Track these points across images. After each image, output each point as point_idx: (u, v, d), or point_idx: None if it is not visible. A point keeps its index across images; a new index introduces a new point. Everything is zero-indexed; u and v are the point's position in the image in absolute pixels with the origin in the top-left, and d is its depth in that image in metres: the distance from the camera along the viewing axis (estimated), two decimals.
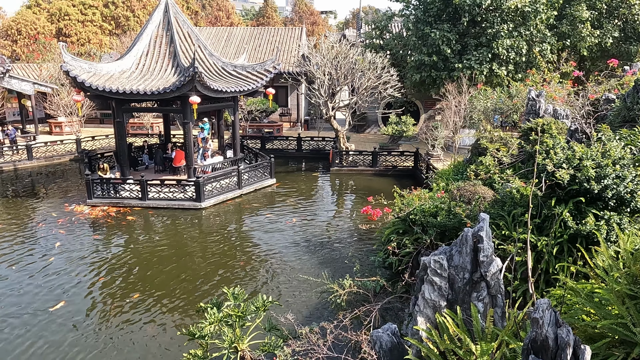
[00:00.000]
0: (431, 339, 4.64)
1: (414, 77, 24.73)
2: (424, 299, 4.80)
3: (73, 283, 11.78)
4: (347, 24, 75.47)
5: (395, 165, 22.67)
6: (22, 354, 8.93)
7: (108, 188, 17.92)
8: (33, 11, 48.90)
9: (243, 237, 15.23)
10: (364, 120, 30.78)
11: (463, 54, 23.67)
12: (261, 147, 26.27)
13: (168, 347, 9.24)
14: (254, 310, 7.80)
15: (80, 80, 16.42)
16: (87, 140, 26.38)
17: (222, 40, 35.13)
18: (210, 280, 12.00)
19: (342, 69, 22.70)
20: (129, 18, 52.31)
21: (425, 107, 29.86)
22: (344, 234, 15.23)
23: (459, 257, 4.88)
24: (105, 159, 21.32)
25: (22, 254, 13.43)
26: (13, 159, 23.74)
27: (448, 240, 9.38)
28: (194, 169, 18.47)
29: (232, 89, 18.03)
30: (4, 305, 10.63)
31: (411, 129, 24.19)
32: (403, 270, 9.62)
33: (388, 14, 28.89)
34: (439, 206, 9.71)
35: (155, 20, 18.95)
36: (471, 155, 15.00)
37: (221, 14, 64.11)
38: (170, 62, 18.31)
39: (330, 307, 9.93)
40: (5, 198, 19.07)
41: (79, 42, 47.90)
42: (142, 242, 14.56)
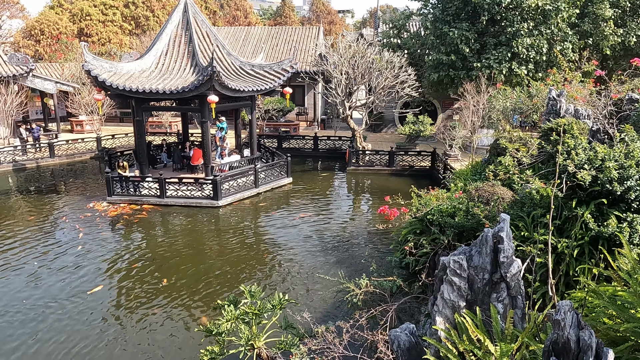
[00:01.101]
0: (450, 339, 4.61)
1: (431, 76, 24.55)
2: (443, 299, 4.77)
3: (90, 279, 11.98)
4: (365, 23, 75.26)
5: (412, 165, 22.54)
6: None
7: (127, 186, 18.19)
8: (55, 12, 49.85)
9: (259, 236, 15.32)
10: (381, 119, 30.67)
11: (482, 53, 23.41)
12: (278, 146, 26.37)
13: (185, 343, 9.35)
14: (270, 308, 7.85)
15: (101, 80, 16.70)
16: (107, 138, 26.81)
17: (240, 39, 35.36)
18: (227, 278, 12.10)
19: (360, 68, 22.65)
20: (149, 18, 52.99)
21: (443, 107, 29.62)
22: (360, 233, 15.21)
23: (478, 257, 4.83)
24: (124, 157, 21.64)
25: (40, 248, 13.72)
26: (36, 157, 24.27)
27: (466, 241, 9.29)
28: (211, 167, 18.64)
29: (249, 88, 18.13)
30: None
31: (428, 129, 24.02)
32: (420, 271, 9.57)
33: (406, 12, 28.73)
34: (457, 206, 9.62)
35: (174, 20, 19.16)
36: (490, 156, 14.83)
37: (239, 13, 64.50)
38: (189, 62, 18.49)
39: (346, 307, 9.93)
40: (29, 194, 19.52)
41: (100, 42, 48.69)
42: (160, 240, 14.75)
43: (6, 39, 49.98)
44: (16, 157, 23.62)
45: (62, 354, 8.96)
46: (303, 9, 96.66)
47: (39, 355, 8.92)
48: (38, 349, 9.09)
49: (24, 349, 9.09)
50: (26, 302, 10.77)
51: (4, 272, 12.24)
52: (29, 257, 13.14)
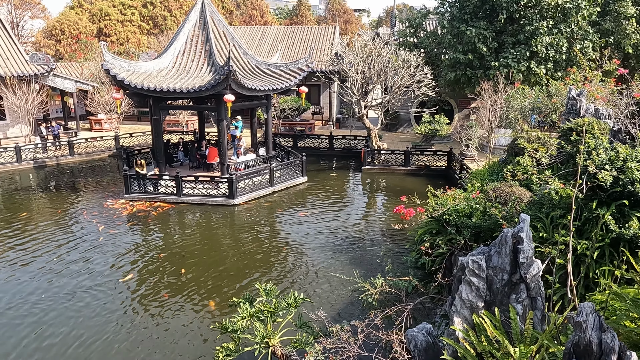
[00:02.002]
0: (468, 340, 4.57)
1: (448, 75, 24.35)
2: (461, 299, 4.72)
3: (107, 274, 12.15)
4: (381, 22, 74.96)
5: (427, 165, 22.39)
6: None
7: (145, 183, 18.39)
8: (76, 12, 50.68)
9: (274, 234, 15.37)
10: (397, 119, 30.52)
11: (500, 52, 23.14)
12: (293, 145, 26.41)
13: (200, 340, 9.43)
14: (285, 307, 7.87)
15: (120, 79, 16.92)
16: (125, 137, 27.16)
17: (256, 39, 35.50)
18: (242, 276, 12.17)
19: (375, 67, 22.57)
20: (166, 18, 53.56)
21: (460, 106, 29.36)
22: (375, 233, 15.16)
23: (497, 257, 4.77)
24: (142, 155, 21.88)
25: (59, 243, 13.97)
26: (56, 154, 24.70)
27: (482, 241, 9.20)
28: (227, 166, 18.76)
29: (265, 87, 18.20)
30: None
31: (445, 128, 23.83)
32: (436, 271, 9.49)
33: (423, 11, 28.53)
34: (474, 207, 9.53)
35: (192, 20, 19.32)
36: (507, 156, 14.65)
37: (255, 12, 64.78)
38: (205, 61, 18.63)
39: (361, 306, 9.90)
40: (49, 191, 19.89)
41: (119, 42, 49.36)
42: (176, 237, 14.90)
43: (28, 39, 51.00)
44: (37, 154, 24.09)
45: (78, 343, 9.12)
46: (319, 8, 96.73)
47: (52, 346, 9.09)
48: (50, 341, 9.26)
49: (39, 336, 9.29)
50: (44, 295, 10.98)
51: (27, 265, 12.51)
52: (47, 251, 13.40)
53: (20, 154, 23.32)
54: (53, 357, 8.90)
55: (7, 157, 23.08)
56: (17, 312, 10.38)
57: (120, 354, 8.98)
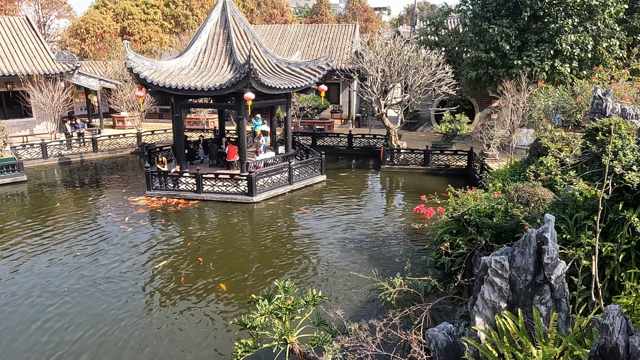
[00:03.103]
0: (490, 341, 4.51)
1: (469, 74, 24.06)
2: (483, 299, 4.66)
3: (128, 269, 12.36)
4: (401, 21, 74.43)
5: (447, 165, 22.17)
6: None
7: (166, 180, 18.65)
8: (100, 11, 51.62)
9: (293, 232, 15.41)
10: (417, 118, 30.29)
11: (523, 51, 22.76)
12: (312, 144, 26.44)
13: (219, 335, 9.52)
14: (303, 304, 7.88)
15: (143, 77, 17.17)
16: (147, 134, 27.56)
17: (277, 37, 35.62)
18: (260, 273, 12.25)
19: (396, 66, 22.43)
20: (188, 17, 54.16)
21: (481, 106, 28.98)
22: (394, 232, 15.09)
23: (521, 258, 4.69)
24: (163, 152, 22.18)
25: (82, 237, 14.27)
26: (80, 151, 25.22)
27: (504, 242, 9.07)
28: (246, 163, 18.88)
29: (285, 85, 18.25)
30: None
31: (465, 128, 23.56)
32: (455, 271, 9.40)
33: (444, 9, 28.23)
34: (495, 207, 9.40)
35: (213, 19, 19.49)
36: (530, 156, 14.42)
37: (275, 11, 65.03)
38: (226, 59, 18.78)
39: (379, 305, 9.88)
40: (73, 187, 20.34)
41: (141, 40, 50.11)
42: (196, 233, 15.07)
43: (54, 38, 52.17)
44: (62, 151, 24.63)
45: (100, 333, 9.31)
46: (339, 6, 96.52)
47: (71, 334, 9.31)
48: (68, 329, 9.49)
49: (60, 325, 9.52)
50: (67, 288, 11.24)
51: (53, 259, 12.82)
52: (71, 246, 13.71)
53: (46, 150, 23.88)
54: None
55: (33, 153, 23.66)
56: (55, 295, 10.68)
57: (136, 347, 9.14)
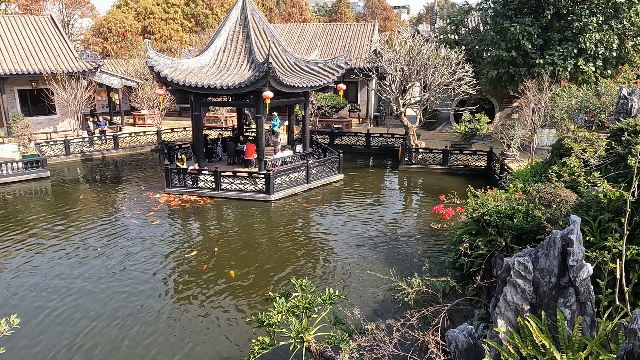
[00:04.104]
0: (512, 343, 4.43)
1: (490, 73, 23.72)
2: (506, 301, 4.59)
3: (144, 268, 12.51)
4: (421, 19, 73.86)
5: (466, 165, 21.92)
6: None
7: (185, 178, 18.84)
8: (122, 10, 52.42)
9: (310, 231, 15.42)
10: (435, 117, 30.03)
11: (545, 49, 22.35)
12: (330, 143, 26.42)
13: (236, 332, 9.58)
14: (320, 303, 7.87)
15: (163, 75, 17.37)
16: (166, 132, 27.89)
17: (295, 36, 35.68)
18: (277, 271, 12.28)
19: (415, 64, 22.25)
20: (208, 16, 54.62)
21: (501, 105, 28.59)
22: (412, 232, 14.98)
23: (545, 259, 4.60)
24: (182, 150, 22.41)
25: (102, 233, 14.51)
26: (102, 148, 25.65)
27: (524, 243, 8.92)
28: (264, 162, 18.96)
29: (304, 84, 18.26)
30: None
31: (485, 128, 23.24)
32: (475, 273, 9.28)
33: (465, 8, 27.88)
34: (516, 208, 9.25)
35: (233, 18, 19.61)
36: (551, 156, 14.15)
37: (294, 10, 65.15)
38: (245, 58, 18.87)
39: (397, 305, 9.82)
40: (95, 183, 20.70)
41: (162, 39, 50.72)
42: (213, 230, 15.20)
43: (77, 37, 53.15)
44: (84, 148, 25.08)
45: (120, 326, 9.46)
46: (358, 5, 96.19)
47: (88, 324, 9.48)
48: (87, 322, 9.66)
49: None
50: (86, 283, 11.45)
51: (77, 253, 13.08)
52: (92, 241, 13.96)
53: (69, 147, 24.35)
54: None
55: (57, 150, 24.14)
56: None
57: (158, 341, 9.25)
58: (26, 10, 48.44)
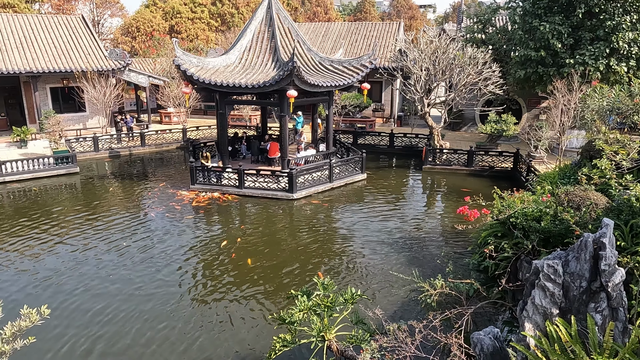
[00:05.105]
0: (540, 347, 4.34)
1: (518, 73, 23.29)
2: (534, 304, 4.49)
3: (169, 263, 12.71)
4: (447, 18, 72.97)
5: (492, 166, 21.57)
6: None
7: (209, 175, 19.06)
8: (150, 10, 53.38)
9: (332, 230, 15.42)
10: (460, 117, 29.65)
11: (575, 49, 21.82)
12: (353, 142, 26.36)
13: (257, 329, 9.64)
14: (342, 302, 7.86)
15: (189, 74, 17.61)
16: (192, 130, 28.28)
17: (320, 35, 35.71)
18: (299, 269, 12.31)
19: (440, 64, 22.00)
20: (234, 15, 55.15)
21: (529, 106, 28.03)
22: (435, 233, 14.83)
23: (575, 263, 4.48)
24: (207, 148, 22.69)
25: (128, 228, 14.81)
26: (129, 145, 26.19)
27: (552, 247, 8.71)
28: (287, 160, 19.03)
29: (328, 83, 18.26)
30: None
31: (512, 128, 22.82)
32: (499, 276, 9.11)
33: (493, 6, 27.47)
34: (543, 210, 9.04)
35: (258, 17, 19.74)
36: (581, 158, 13.82)
37: (319, 9, 65.20)
38: (270, 57, 18.97)
39: (419, 307, 9.73)
40: (122, 179, 21.15)
41: (188, 38, 51.45)
42: (236, 228, 15.34)
43: (107, 36, 54.37)
44: (112, 145, 25.65)
45: (142, 320, 9.64)
46: (383, 4, 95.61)
47: (116, 316, 9.68)
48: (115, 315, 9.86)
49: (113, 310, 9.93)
50: (111, 276, 11.70)
51: (104, 248, 13.40)
52: (118, 234, 14.27)
53: (98, 143, 24.93)
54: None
55: (86, 146, 24.75)
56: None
57: (181, 335, 9.40)
58: (59, 10, 49.79)
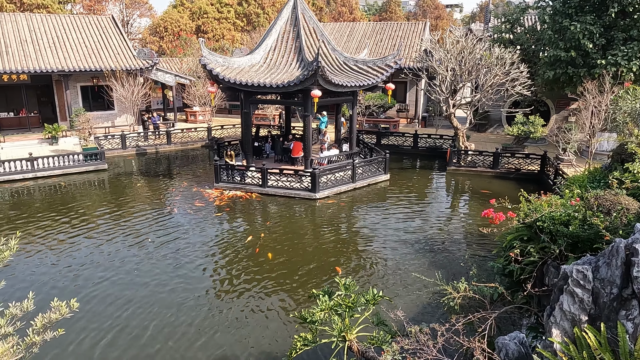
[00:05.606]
0: (567, 354, 4.24)
1: (547, 74, 22.77)
2: (562, 310, 4.38)
3: (191, 259, 12.87)
4: (474, 18, 71.97)
5: (518, 168, 21.16)
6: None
7: (233, 174, 19.26)
8: (178, 10, 54.24)
9: (354, 230, 15.38)
10: (487, 119, 29.18)
11: (607, 49, 21.21)
12: (376, 143, 26.25)
13: (277, 327, 9.69)
14: (363, 303, 7.83)
15: (215, 73, 17.82)
16: (216, 128, 28.62)
17: (345, 35, 35.67)
18: (320, 269, 12.32)
19: (467, 64, 21.70)
20: (259, 15, 55.59)
21: (557, 107, 27.40)
22: (458, 235, 14.64)
23: (606, 269, 4.36)
24: (231, 146, 22.93)
25: (155, 224, 15.07)
26: (155, 143, 26.67)
27: (580, 252, 8.50)
28: (310, 160, 19.07)
29: (352, 83, 18.22)
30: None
31: (539, 130, 22.34)
32: (525, 280, 8.93)
33: (521, 6, 26.93)
34: (572, 215, 8.82)
35: (284, 17, 19.84)
36: (612, 162, 13.43)
37: (344, 9, 65.14)
38: (295, 57, 19.04)
39: (441, 309, 9.62)
40: (148, 176, 21.56)
41: (214, 38, 52.11)
42: (259, 226, 15.45)
43: (136, 36, 55.49)
44: (139, 142, 26.17)
45: (161, 315, 9.80)
46: (409, 4, 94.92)
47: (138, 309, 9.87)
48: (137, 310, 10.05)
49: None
50: (136, 271, 11.93)
51: (130, 242, 13.69)
52: (144, 229, 14.56)
53: (125, 141, 25.47)
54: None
55: (114, 144, 25.32)
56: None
57: (204, 332, 9.52)
58: (90, 11, 51.06)
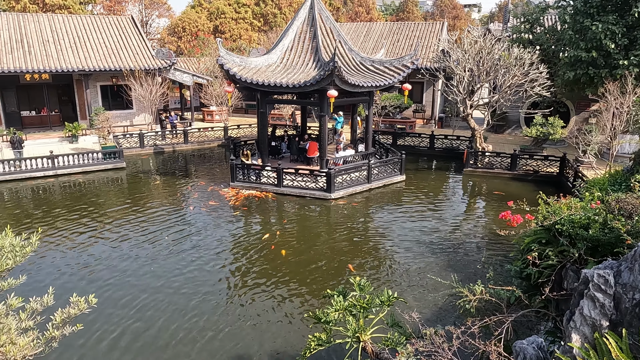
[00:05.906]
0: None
1: (567, 74, 22.41)
2: (582, 315, 4.30)
3: (206, 256, 12.97)
4: (492, 18, 71.20)
5: (536, 170, 20.86)
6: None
7: (249, 173, 19.36)
8: (196, 10, 54.74)
9: (369, 231, 15.34)
10: (504, 120, 28.82)
11: (630, 50, 20.78)
12: (392, 143, 26.13)
13: (292, 327, 9.71)
14: (378, 304, 7.80)
15: (232, 73, 17.93)
16: (233, 128, 28.80)
17: (362, 35, 35.58)
18: (335, 269, 12.32)
19: (485, 65, 21.46)
20: (276, 15, 55.80)
21: (577, 109, 26.94)
22: (475, 237, 14.50)
23: (629, 274, 4.26)
24: (247, 146, 23.05)
25: (171, 222, 15.23)
26: (172, 142, 26.95)
27: (600, 256, 8.34)
28: (326, 160, 19.06)
29: (368, 83, 18.16)
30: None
31: (559, 132, 21.99)
32: (543, 284, 8.80)
33: (541, 5, 26.56)
34: (592, 218, 8.66)
35: (301, 17, 19.87)
36: (634, 164, 13.19)
37: (361, 9, 65.00)
38: (311, 57, 19.06)
39: (457, 312, 9.53)
40: (166, 174, 21.81)
41: (232, 38, 52.44)
42: (274, 225, 15.50)
43: (154, 36, 56.16)
44: (157, 141, 26.47)
45: (179, 313, 9.90)
46: (426, 4, 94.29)
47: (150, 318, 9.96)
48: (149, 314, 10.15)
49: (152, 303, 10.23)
50: (153, 268, 12.07)
51: (148, 239, 13.87)
52: (162, 226, 14.73)
53: (143, 140, 25.79)
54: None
55: (132, 143, 25.65)
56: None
57: (218, 329, 9.59)
58: (109, 11, 51.84)
